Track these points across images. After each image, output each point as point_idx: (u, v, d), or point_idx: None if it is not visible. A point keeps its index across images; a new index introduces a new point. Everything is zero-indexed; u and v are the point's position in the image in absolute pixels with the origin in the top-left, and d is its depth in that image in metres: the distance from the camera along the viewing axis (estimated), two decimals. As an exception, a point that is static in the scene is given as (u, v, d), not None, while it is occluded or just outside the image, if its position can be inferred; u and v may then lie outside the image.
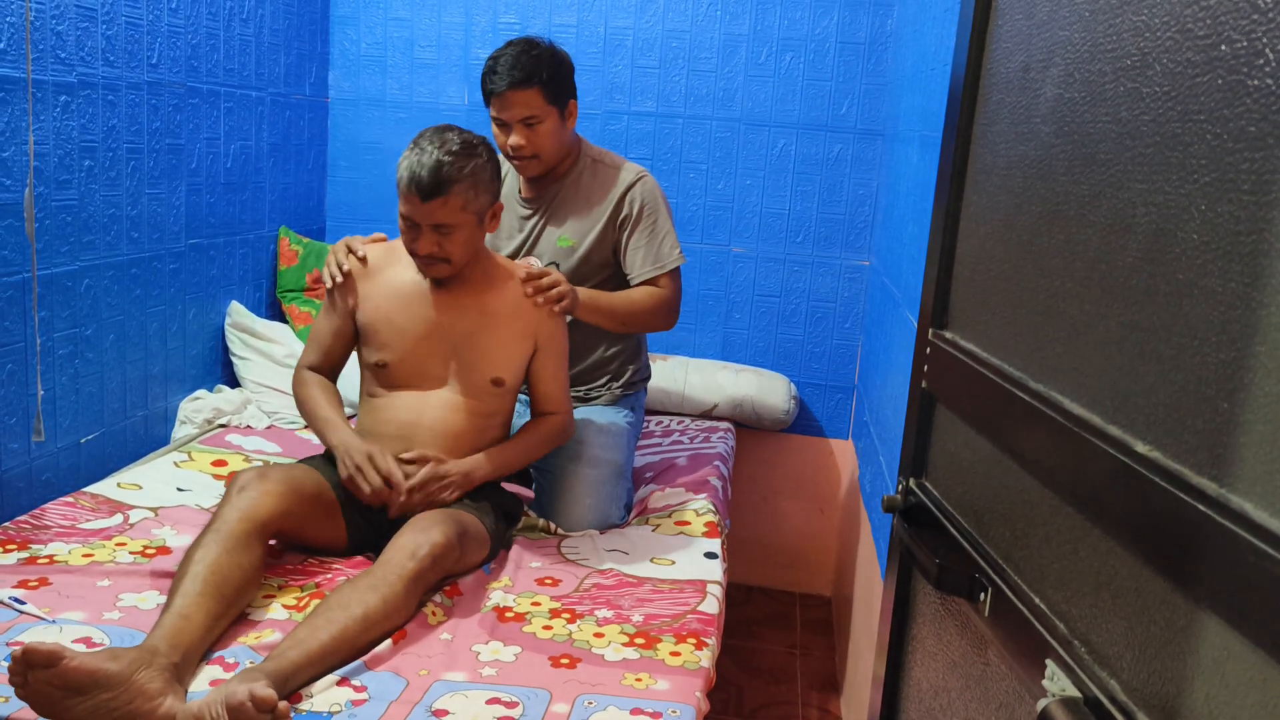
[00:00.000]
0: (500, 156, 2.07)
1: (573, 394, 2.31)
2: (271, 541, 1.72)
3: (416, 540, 1.64)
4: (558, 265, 2.22)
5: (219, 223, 2.56)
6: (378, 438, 1.89)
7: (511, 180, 2.27)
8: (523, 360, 1.96)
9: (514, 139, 2.10)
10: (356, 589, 1.54)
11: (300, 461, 1.93)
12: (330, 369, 2.01)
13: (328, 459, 1.90)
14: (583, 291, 2.04)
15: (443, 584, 1.71)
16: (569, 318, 2.03)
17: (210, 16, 2.43)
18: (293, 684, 1.38)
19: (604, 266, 2.23)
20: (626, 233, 2.20)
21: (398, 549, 1.63)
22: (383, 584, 1.55)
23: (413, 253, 1.85)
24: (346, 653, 1.47)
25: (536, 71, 2.05)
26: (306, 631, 1.45)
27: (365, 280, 1.94)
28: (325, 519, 1.81)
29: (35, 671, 1.23)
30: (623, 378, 2.37)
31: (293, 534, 1.76)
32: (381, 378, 1.93)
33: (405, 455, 1.84)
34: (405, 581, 1.57)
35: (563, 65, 2.12)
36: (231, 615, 1.53)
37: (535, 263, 1.98)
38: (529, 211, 2.25)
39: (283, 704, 1.27)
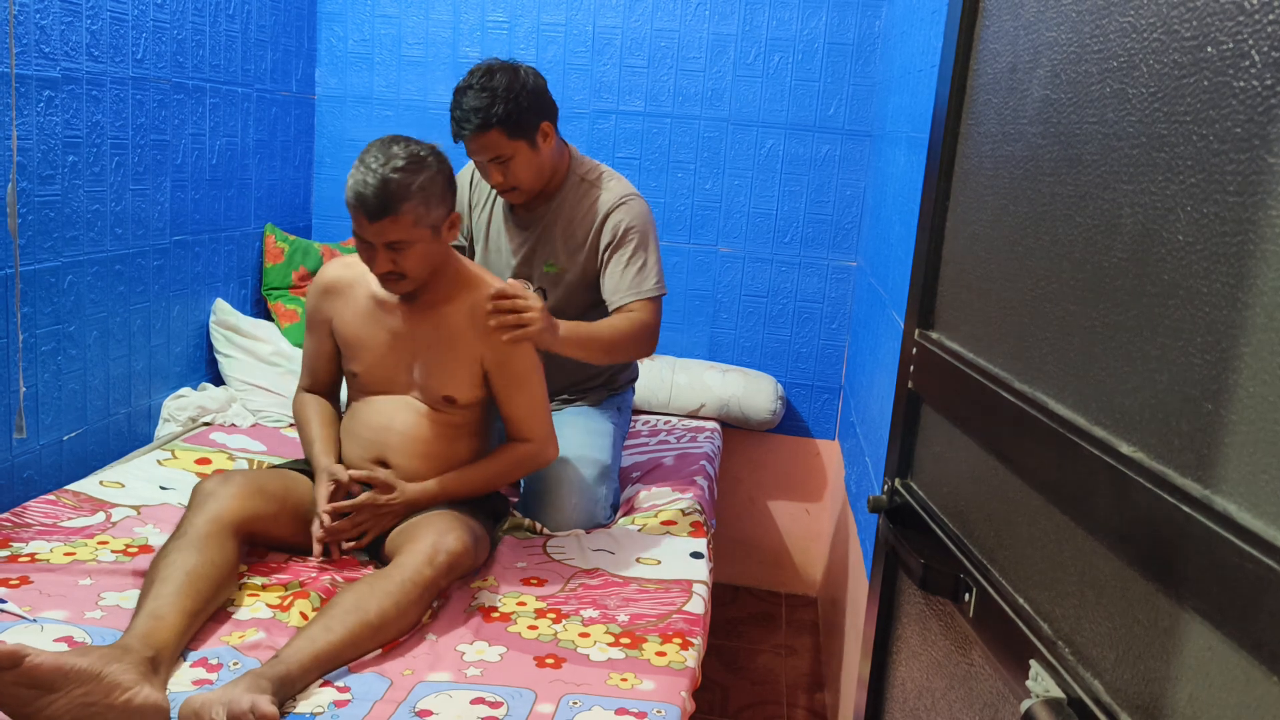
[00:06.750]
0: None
1: (558, 396, 2.30)
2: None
3: (435, 545, 1.63)
4: (544, 293, 2.18)
5: (204, 219, 2.54)
6: (355, 440, 1.90)
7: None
8: (472, 381, 1.88)
9: (492, 177, 2.08)
10: (373, 593, 1.52)
11: (277, 465, 1.92)
12: (326, 387, 2.01)
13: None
14: (565, 325, 1.88)
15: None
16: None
17: (196, 12, 2.41)
18: (300, 684, 1.37)
19: (591, 294, 2.18)
20: (606, 256, 2.12)
21: (414, 554, 1.61)
22: (398, 590, 1.54)
23: (371, 270, 1.80)
24: (354, 655, 1.46)
25: (492, 112, 1.97)
26: (319, 631, 1.44)
27: (336, 299, 1.93)
28: (296, 518, 1.80)
29: (1, 674, 1.21)
30: (611, 385, 2.37)
31: (264, 535, 1.75)
32: (355, 385, 1.94)
33: (356, 474, 1.80)
34: (420, 589, 1.57)
35: (523, 93, 2.01)
36: (208, 612, 1.52)
37: (529, 286, 1.93)
38: (519, 233, 2.23)
39: None
